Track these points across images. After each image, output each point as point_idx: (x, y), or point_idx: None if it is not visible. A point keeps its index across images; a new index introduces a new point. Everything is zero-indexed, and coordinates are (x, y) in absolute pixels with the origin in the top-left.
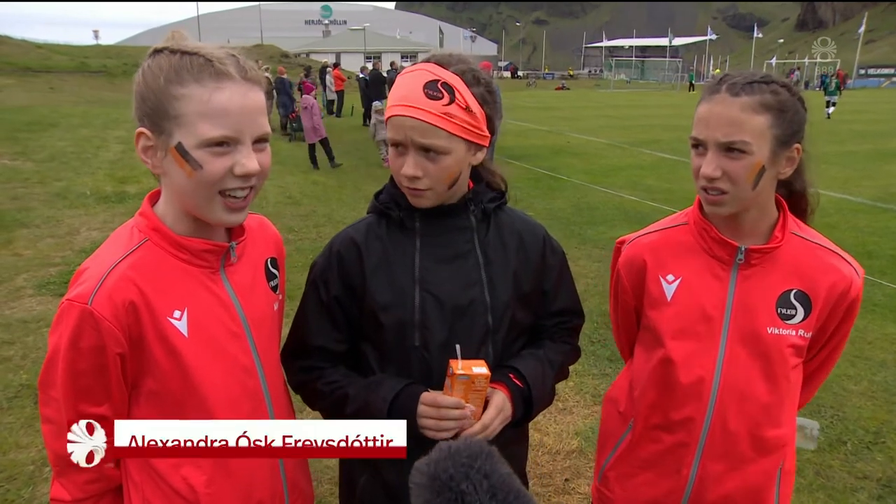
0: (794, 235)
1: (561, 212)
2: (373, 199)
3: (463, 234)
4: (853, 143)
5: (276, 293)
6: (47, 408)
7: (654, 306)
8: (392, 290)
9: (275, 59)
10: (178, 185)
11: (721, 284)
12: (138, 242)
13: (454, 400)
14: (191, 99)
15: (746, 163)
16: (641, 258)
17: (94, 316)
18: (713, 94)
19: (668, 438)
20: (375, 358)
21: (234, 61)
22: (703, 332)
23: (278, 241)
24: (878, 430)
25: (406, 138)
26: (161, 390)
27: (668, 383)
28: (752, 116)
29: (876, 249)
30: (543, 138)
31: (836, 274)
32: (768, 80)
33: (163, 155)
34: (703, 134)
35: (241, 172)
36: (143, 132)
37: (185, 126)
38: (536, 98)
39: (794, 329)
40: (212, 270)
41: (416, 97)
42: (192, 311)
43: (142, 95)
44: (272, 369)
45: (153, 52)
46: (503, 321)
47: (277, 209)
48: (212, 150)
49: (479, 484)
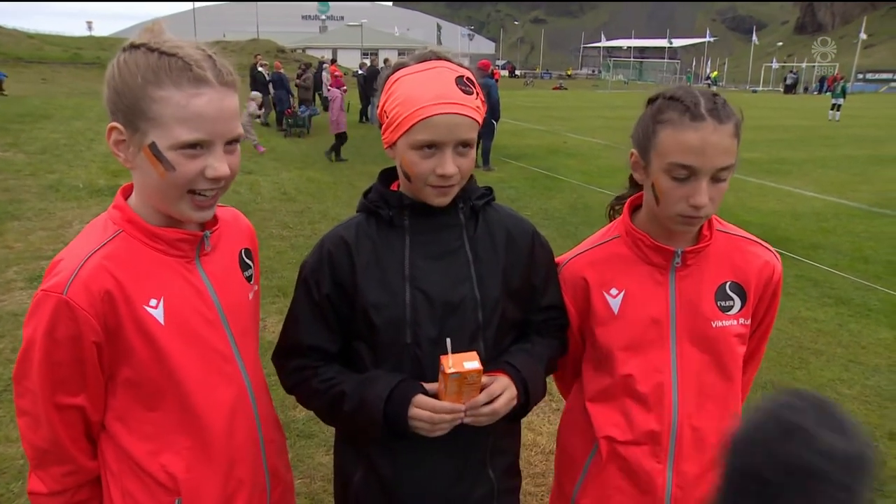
0: (718, 231)
1: (557, 212)
2: (361, 198)
3: (452, 232)
4: (851, 148)
5: (250, 283)
6: (23, 399)
7: (601, 323)
8: (383, 288)
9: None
10: (149, 182)
11: (662, 289)
12: (113, 233)
13: (449, 405)
14: (168, 102)
15: (724, 187)
16: (581, 277)
17: (70, 305)
18: (699, 122)
19: (636, 451)
20: (369, 356)
21: (211, 65)
22: (654, 338)
23: (251, 233)
24: (870, 434)
25: (450, 136)
26: (138, 378)
27: (627, 397)
28: (733, 142)
29: (872, 254)
30: (540, 138)
31: (760, 261)
32: (725, 101)
33: (135, 151)
34: (698, 163)
35: (212, 176)
36: (116, 127)
37: (160, 128)
38: (534, 97)
39: (734, 319)
40: (187, 260)
41: (453, 94)
42: (168, 300)
43: (116, 90)
44: (249, 356)
45: (130, 47)
46: (493, 317)
47: (273, 205)
48: (185, 152)
49: None
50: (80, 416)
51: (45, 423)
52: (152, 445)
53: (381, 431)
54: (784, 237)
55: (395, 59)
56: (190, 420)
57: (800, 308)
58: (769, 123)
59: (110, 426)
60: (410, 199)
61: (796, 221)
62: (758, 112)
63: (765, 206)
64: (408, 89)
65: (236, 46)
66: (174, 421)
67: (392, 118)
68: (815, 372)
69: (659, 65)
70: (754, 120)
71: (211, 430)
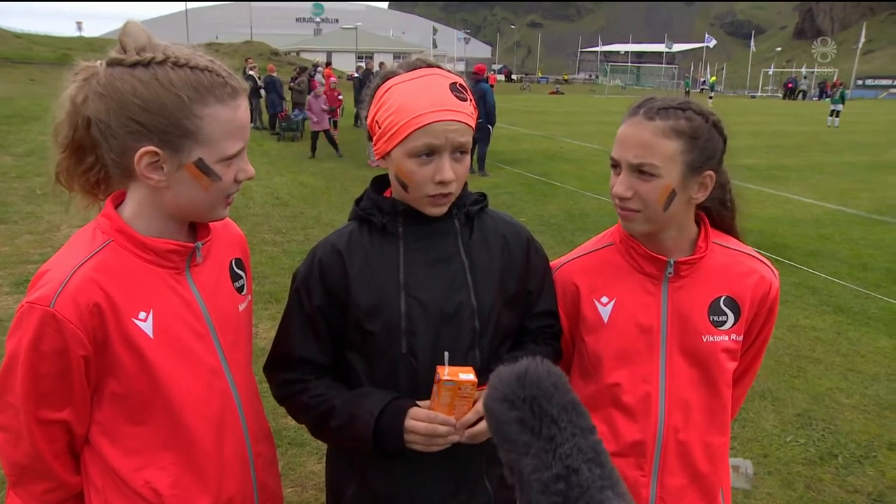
0: (715, 245)
1: (553, 218)
2: (353, 206)
3: (447, 238)
4: (850, 154)
5: (242, 294)
6: (3, 415)
7: (591, 331)
8: (377, 296)
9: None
10: (185, 195)
11: (654, 299)
12: (102, 244)
13: (444, 416)
14: (216, 119)
15: (655, 185)
16: (573, 283)
17: (57, 318)
18: (631, 117)
19: (621, 463)
20: (363, 367)
21: (230, 73)
22: (643, 348)
23: (242, 242)
24: (869, 444)
25: (446, 142)
26: (125, 392)
27: (613, 406)
28: (662, 141)
29: (871, 262)
30: (536, 143)
31: (757, 277)
32: (685, 107)
33: (172, 171)
34: (617, 154)
35: (244, 178)
36: (151, 150)
37: (208, 144)
38: (530, 102)
39: (726, 335)
40: (177, 271)
41: (449, 100)
42: (158, 312)
43: (148, 110)
44: (240, 369)
45: (142, 64)
46: (490, 325)
47: (265, 210)
48: (227, 161)
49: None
50: (64, 431)
51: (27, 439)
52: (137, 460)
53: (371, 447)
54: (782, 244)
55: (389, 63)
56: (177, 435)
57: (798, 316)
58: (768, 129)
59: (95, 440)
60: (404, 205)
61: (795, 228)
62: (756, 118)
63: (763, 212)
64: (402, 98)
65: (229, 49)
66: (161, 436)
67: (386, 128)
68: (814, 381)
69: (657, 70)
70: (752, 126)
71: (198, 446)
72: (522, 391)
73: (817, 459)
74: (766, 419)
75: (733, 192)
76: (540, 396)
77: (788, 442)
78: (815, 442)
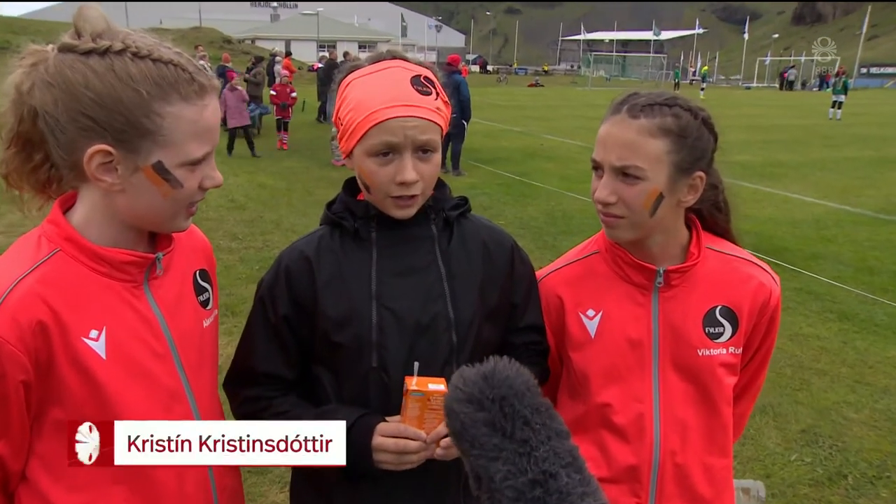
0: (709, 250)
1: (533, 221)
2: (325, 210)
3: (423, 245)
4: (853, 149)
5: (207, 308)
6: None
7: (577, 348)
8: (347, 306)
9: (216, 45)
10: (143, 202)
11: (644, 311)
12: (48, 253)
13: (413, 430)
14: (180, 119)
15: (641, 189)
16: (556, 296)
17: None
18: (614, 115)
19: (614, 490)
20: (330, 382)
21: (198, 68)
22: (634, 364)
23: (208, 251)
24: (881, 462)
25: (406, 140)
26: (72, 420)
27: (604, 428)
28: (648, 140)
29: (877, 265)
30: (515, 140)
31: (756, 283)
32: (671, 103)
33: (128, 174)
34: (599, 156)
35: (210, 185)
36: (103, 149)
37: (169, 146)
38: (508, 95)
39: (724, 347)
40: (134, 285)
41: (408, 95)
42: (111, 331)
43: (102, 105)
44: (203, 393)
45: (97, 53)
46: (468, 339)
47: (219, 214)
48: (190, 167)
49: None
50: None
51: None
52: (84, 497)
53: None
54: (781, 247)
55: (354, 53)
56: (131, 467)
57: (800, 324)
58: (764, 123)
59: (33, 476)
60: (377, 209)
61: (795, 229)
62: (751, 110)
63: (760, 212)
64: (360, 93)
65: (176, 35)
66: (111, 469)
67: (346, 125)
68: (819, 394)
69: (644, 59)
70: (747, 119)
71: (155, 479)
72: (491, 391)
73: (825, 480)
74: (768, 436)
75: (726, 192)
76: (511, 396)
77: (793, 461)
78: (822, 461)
